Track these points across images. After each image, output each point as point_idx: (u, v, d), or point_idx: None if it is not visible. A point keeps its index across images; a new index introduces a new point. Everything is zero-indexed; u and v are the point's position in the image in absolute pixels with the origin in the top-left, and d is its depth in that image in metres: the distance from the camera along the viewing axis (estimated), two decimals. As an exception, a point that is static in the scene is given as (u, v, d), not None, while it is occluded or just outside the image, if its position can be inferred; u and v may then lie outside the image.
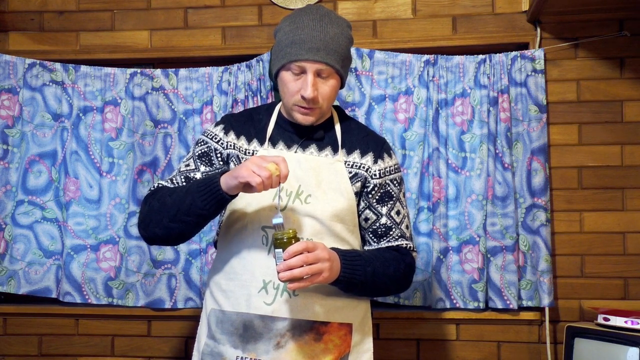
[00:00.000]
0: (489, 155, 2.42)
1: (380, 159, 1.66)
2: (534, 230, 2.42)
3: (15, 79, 2.60)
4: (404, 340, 2.50)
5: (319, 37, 1.52)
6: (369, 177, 1.65)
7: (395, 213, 1.67)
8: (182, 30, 2.65)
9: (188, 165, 1.65)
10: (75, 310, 2.59)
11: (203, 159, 1.65)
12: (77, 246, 2.55)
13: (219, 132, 1.67)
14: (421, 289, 2.46)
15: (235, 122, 1.69)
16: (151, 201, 1.58)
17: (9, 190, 2.60)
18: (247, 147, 1.65)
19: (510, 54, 2.44)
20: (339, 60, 1.56)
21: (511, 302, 2.39)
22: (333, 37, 1.54)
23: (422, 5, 2.56)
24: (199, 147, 1.68)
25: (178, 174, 1.64)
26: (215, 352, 1.60)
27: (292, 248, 1.39)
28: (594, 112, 2.47)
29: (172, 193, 1.54)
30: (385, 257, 1.61)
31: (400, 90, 2.50)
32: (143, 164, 2.56)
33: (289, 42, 1.54)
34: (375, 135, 1.73)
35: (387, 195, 1.66)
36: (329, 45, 1.53)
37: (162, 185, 1.62)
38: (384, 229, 1.65)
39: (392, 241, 1.66)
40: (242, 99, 2.52)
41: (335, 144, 1.65)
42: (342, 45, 1.56)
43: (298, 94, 1.56)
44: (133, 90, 2.57)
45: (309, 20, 1.55)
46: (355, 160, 1.65)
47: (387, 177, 1.67)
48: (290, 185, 1.58)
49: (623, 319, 2.12)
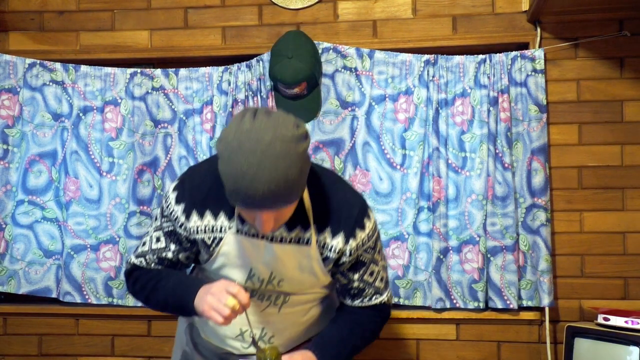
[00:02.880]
0: (489, 155, 2.42)
1: (352, 238, 1.52)
2: (534, 230, 2.42)
3: (15, 78, 2.60)
4: (404, 340, 2.50)
5: (264, 189, 1.26)
6: (340, 257, 1.55)
7: (368, 275, 1.61)
8: (182, 30, 2.65)
9: (159, 240, 1.58)
10: (75, 310, 2.59)
11: (172, 237, 1.57)
12: (77, 246, 2.55)
13: (180, 214, 1.52)
14: (421, 289, 2.46)
15: (198, 196, 1.51)
16: (134, 287, 1.62)
17: (9, 190, 2.60)
18: (213, 224, 1.52)
19: (510, 54, 2.44)
20: (294, 194, 1.33)
21: (511, 302, 2.39)
22: (281, 181, 1.27)
23: (422, 5, 2.56)
24: (166, 222, 1.57)
25: (150, 252, 1.59)
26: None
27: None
28: (594, 112, 2.47)
29: (152, 290, 1.57)
30: (361, 322, 1.64)
31: (400, 90, 2.50)
32: (143, 163, 2.56)
33: (232, 189, 1.30)
34: (348, 204, 1.54)
35: (359, 264, 1.59)
36: (279, 191, 1.28)
37: (137, 267, 1.61)
38: (356, 291, 1.62)
39: (365, 301, 1.63)
40: (242, 99, 2.51)
41: (305, 219, 1.50)
42: (294, 178, 1.30)
43: (254, 221, 1.39)
44: (133, 90, 2.57)
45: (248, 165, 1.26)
46: (327, 241, 1.52)
47: (360, 250, 1.56)
48: (262, 272, 1.54)
49: (623, 319, 2.12)
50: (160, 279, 1.57)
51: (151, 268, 1.60)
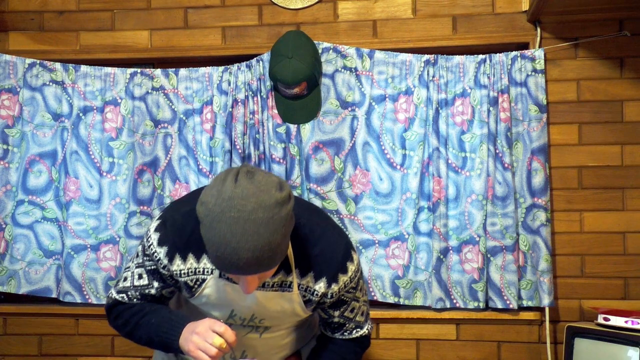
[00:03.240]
0: (489, 155, 2.42)
1: (334, 282, 1.51)
2: (534, 230, 2.42)
3: (15, 78, 2.60)
4: (404, 340, 2.50)
5: (247, 257, 1.25)
6: (322, 299, 1.55)
7: (348, 312, 1.61)
8: (182, 30, 2.65)
9: (141, 277, 1.55)
10: (75, 310, 2.59)
11: (155, 275, 1.55)
12: (77, 246, 2.55)
13: (162, 257, 1.50)
14: (421, 288, 2.46)
15: (180, 239, 1.49)
16: (116, 321, 1.60)
17: (9, 190, 2.60)
18: (196, 266, 1.50)
19: (510, 54, 2.44)
20: (277, 258, 1.32)
21: (511, 302, 2.39)
22: (264, 248, 1.26)
23: (422, 5, 2.56)
24: (148, 261, 1.54)
25: (132, 288, 1.56)
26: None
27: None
28: (594, 112, 2.47)
29: (135, 326, 1.54)
30: (342, 352, 1.64)
31: (400, 90, 2.50)
32: (143, 163, 2.56)
33: (215, 255, 1.29)
34: (331, 248, 1.52)
35: (340, 302, 1.58)
36: (263, 258, 1.27)
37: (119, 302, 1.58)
38: (336, 325, 1.63)
39: (346, 335, 1.64)
40: (242, 99, 2.51)
41: (288, 264, 1.50)
42: (277, 244, 1.29)
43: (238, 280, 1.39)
44: (133, 90, 2.57)
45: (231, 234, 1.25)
46: (309, 285, 1.52)
47: (341, 292, 1.55)
48: (244, 314, 1.55)
49: (623, 319, 2.12)
50: (143, 315, 1.54)
51: (134, 303, 1.57)
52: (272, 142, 2.50)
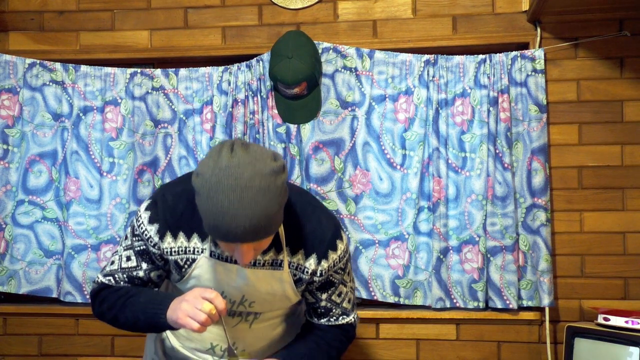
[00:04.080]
0: (489, 155, 2.42)
1: (324, 259, 1.54)
2: (534, 230, 2.42)
3: (15, 78, 2.60)
4: (404, 340, 2.50)
5: (244, 223, 1.27)
6: (312, 278, 1.57)
7: (336, 296, 1.63)
8: (182, 30, 2.65)
9: (129, 259, 1.56)
10: (75, 310, 2.60)
11: (144, 256, 1.55)
12: (77, 246, 2.55)
13: (153, 234, 1.51)
14: (421, 288, 2.46)
15: (171, 217, 1.51)
16: (100, 305, 1.56)
17: (9, 190, 2.60)
18: (186, 245, 1.51)
19: (510, 54, 2.44)
20: (272, 228, 1.34)
21: (511, 302, 2.39)
22: (260, 216, 1.29)
23: (422, 5, 2.56)
24: (137, 241, 1.55)
25: (120, 270, 1.56)
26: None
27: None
28: (594, 112, 2.47)
29: (121, 308, 1.52)
30: (328, 340, 1.65)
31: (400, 90, 2.50)
32: (143, 163, 2.56)
33: (212, 225, 1.31)
34: (322, 226, 1.56)
35: (328, 284, 1.61)
36: (259, 226, 1.29)
37: (105, 285, 1.57)
38: (323, 310, 1.64)
39: (332, 321, 1.65)
40: (242, 99, 2.51)
41: (279, 242, 1.52)
42: (273, 213, 1.32)
43: (232, 253, 1.41)
44: (133, 90, 2.57)
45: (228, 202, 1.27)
46: (300, 262, 1.54)
47: (331, 271, 1.58)
48: (234, 295, 1.55)
49: (623, 319, 2.12)
50: (129, 297, 1.52)
51: (120, 286, 1.56)
52: (272, 142, 2.50)
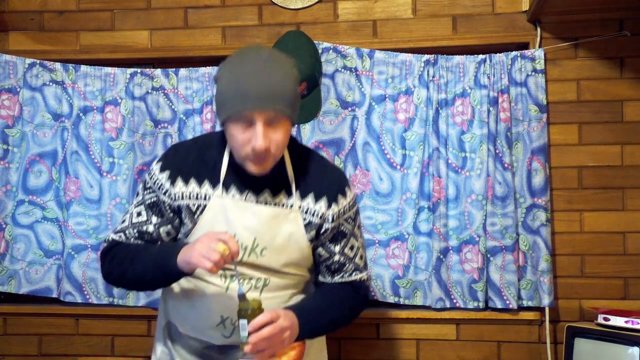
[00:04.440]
0: (489, 155, 2.42)
1: (334, 203, 1.61)
2: (534, 230, 2.42)
3: (15, 78, 2.60)
4: (404, 340, 2.50)
5: (265, 85, 1.42)
6: (322, 223, 1.62)
7: (348, 249, 1.66)
8: (182, 30, 2.65)
9: (140, 214, 1.61)
10: (75, 310, 2.60)
11: (154, 209, 1.60)
12: (77, 246, 2.55)
13: (164, 181, 1.58)
14: (421, 288, 2.46)
15: (183, 163, 1.59)
16: (110, 262, 1.59)
17: (9, 190, 2.60)
18: (198, 191, 1.57)
19: (510, 54, 2.44)
20: (288, 105, 1.47)
21: (511, 302, 2.39)
22: (278, 82, 1.44)
23: (422, 5, 2.56)
24: (148, 194, 1.61)
25: (131, 226, 1.60)
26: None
27: (256, 321, 1.43)
28: (594, 112, 2.47)
29: (131, 261, 1.54)
30: (340, 297, 1.66)
31: (400, 90, 2.50)
32: (143, 163, 2.56)
33: (233, 93, 1.44)
34: (331, 172, 1.67)
35: (340, 235, 1.66)
36: (276, 91, 1.44)
37: (116, 242, 1.61)
38: (337, 266, 1.67)
39: (345, 277, 1.67)
40: (242, 99, 2.51)
41: (289, 186, 1.60)
42: (289, 89, 1.47)
43: (248, 145, 1.47)
44: (133, 90, 2.57)
45: (251, 67, 1.44)
46: (310, 206, 1.60)
47: (341, 218, 1.64)
48: (246, 238, 1.56)
49: (623, 319, 2.12)
50: (140, 250, 1.56)
51: (130, 243, 1.59)
52: (272, 142, 2.50)
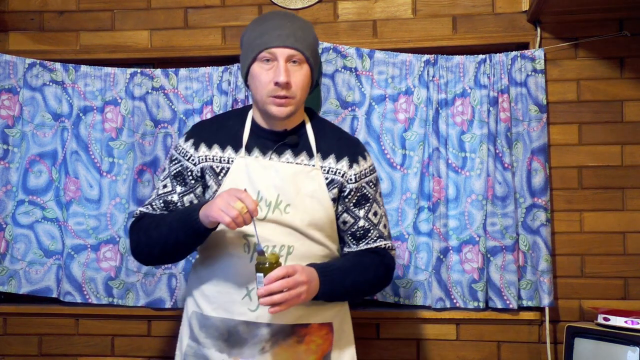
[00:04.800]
0: (489, 155, 2.42)
1: (355, 163, 1.69)
2: (534, 230, 2.42)
3: (15, 78, 2.60)
4: (404, 340, 2.50)
5: (286, 26, 1.58)
6: (345, 183, 1.67)
7: (372, 214, 1.70)
8: (182, 30, 2.65)
9: (165, 186, 1.70)
10: (75, 310, 2.60)
11: (178, 179, 1.68)
12: (77, 246, 2.55)
13: (189, 148, 1.68)
14: (421, 288, 2.46)
15: (206, 132, 1.69)
16: (137, 233, 1.66)
17: (9, 190, 2.60)
18: (221, 155, 1.66)
19: (510, 54, 2.44)
20: (308, 49, 1.60)
21: (511, 302, 2.39)
22: (300, 27, 1.60)
23: (422, 5, 2.56)
24: (173, 165, 1.70)
25: (157, 198, 1.69)
26: (200, 355, 1.65)
27: (273, 274, 1.45)
28: (594, 112, 2.47)
29: (156, 226, 1.60)
30: (365, 262, 1.67)
31: (400, 90, 2.50)
32: (143, 163, 2.56)
33: (257, 35, 1.58)
34: (349, 138, 1.76)
35: (363, 198, 1.70)
36: (297, 33, 1.58)
37: (144, 213, 1.67)
38: (362, 232, 1.69)
39: (370, 243, 1.70)
40: (242, 99, 2.52)
41: (310, 149, 1.67)
42: (310, 37, 1.62)
43: (271, 83, 1.56)
44: (133, 90, 2.57)
45: (273, 16, 1.62)
46: (331, 166, 1.67)
47: (363, 180, 1.70)
48: (270, 194, 1.61)
49: (623, 319, 2.12)
50: (164, 216, 1.63)
51: (156, 213, 1.67)
52: (272, 142, 2.50)
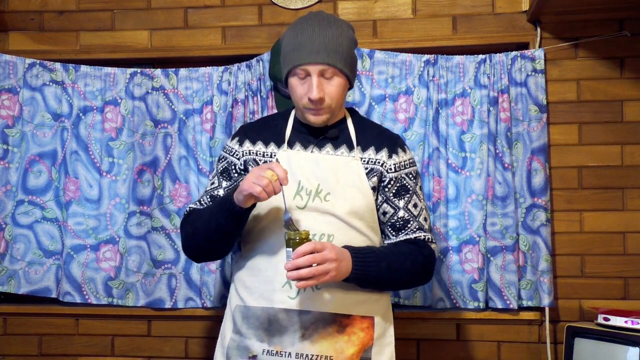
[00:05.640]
0: (489, 155, 2.42)
1: (395, 154, 1.73)
2: (534, 230, 2.42)
3: (15, 78, 2.60)
4: (404, 340, 2.50)
5: (318, 39, 1.58)
6: (384, 172, 1.71)
7: (412, 206, 1.73)
8: (182, 30, 2.65)
9: (213, 183, 1.78)
10: (75, 310, 2.59)
11: (224, 174, 1.77)
12: (77, 246, 2.55)
13: (234, 145, 1.77)
14: (421, 289, 2.46)
15: (250, 131, 1.78)
16: (186, 228, 1.72)
17: (9, 190, 2.60)
18: (264, 150, 1.73)
19: (510, 54, 2.44)
20: (341, 60, 1.60)
21: (511, 302, 2.39)
22: (332, 37, 1.59)
23: (422, 5, 2.56)
24: (220, 163, 1.79)
25: (205, 194, 1.77)
26: (242, 347, 1.65)
27: (300, 248, 1.47)
28: (594, 112, 2.47)
29: (200, 217, 1.67)
30: (402, 251, 1.67)
31: (400, 90, 2.50)
32: (143, 163, 2.56)
33: (291, 48, 1.61)
34: (389, 132, 1.80)
35: (403, 189, 1.73)
36: (329, 45, 1.58)
37: (192, 209, 1.77)
38: (402, 222, 1.71)
39: (410, 234, 1.71)
40: (242, 99, 2.52)
41: (350, 142, 1.72)
42: (343, 45, 1.61)
43: (305, 96, 1.63)
44: (133, 90, 2.57)
45: (308, 25, 1.61)
46: (371, 157, 1.71)
47: (403, 171, 1.73)
48: (310, 183, 1.65)
49: (623, 319, 2.12)
50: (209, 206, 1.69)
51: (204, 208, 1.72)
52: (272, 142, 2.50)
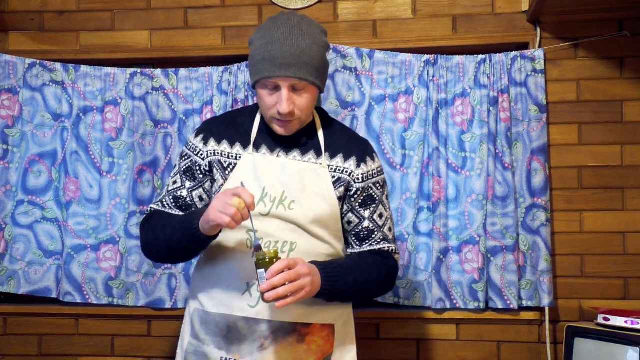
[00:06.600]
0: (489, 155, 2.42)
1: (363, 163, 1.68)
2: (534, 230, 2.42)
3: (15, 79, 2.60)
4: (404, 340, 2.50)
5: (290, 52, 1.51)
6: (352, 182, 1.66)
7: (377, 216, 1.69)
8: (182, 30, 2.65)
9: (175, 182, 1.70)
10: (75, 310, 2.59)
11: (187, 174, 1.69)
12: (77, 246, 2.55)
13: (198, 143, 1.68)
14: (421, 289, 2.46)
15: (216, 128, 1.69)
16: (146, 231, 1.66)
17: (9, 190, 2.60)
18: (229, 151, 1.66)
19: (510, 54, 2.44)
20: (313, 72, 1.55)
21: (511, 302, 2.39)
22: (304, 50, 1.52)
23: (422, 5, 2.56)
24: (183, 161, 1.71)
25: (167, 194, 1.69)
26: (200, 352, 1.64)
27: (274, 267, 1.44)
28: (594, 112, 2.47)
29: (162, 227, 1.60)
30: (367, 262, 1.65)
31: (400, 90, 2.50)
32: (143, 163, 2.56)
33: (261, 58, 1.54)
34: (358, 138, 1.75)
35: (369, 199, 1.68)
36: (301, 59, 1.52)
37: (154, 211, 1.68)
38: (366, 232, 1.68)
39: (374, 245, 1.68)
40: (242, 99, 2.52)
41: (318, 147, 1.67)
42: (315, 56, 1.55)
43: (274, 108, 1.57)
44: (133, 90, 2.57)
45: (279, 34, 1.53)
46: (339, 165, 1.66)
47: (370, 180, 1.68)
48: (275, 190, 1.61)
49: (623, 319, 2.12)
50: (171, 216, 1.63)
51: (165, 211, 1.67)
52: (272, 142, 2.50)
